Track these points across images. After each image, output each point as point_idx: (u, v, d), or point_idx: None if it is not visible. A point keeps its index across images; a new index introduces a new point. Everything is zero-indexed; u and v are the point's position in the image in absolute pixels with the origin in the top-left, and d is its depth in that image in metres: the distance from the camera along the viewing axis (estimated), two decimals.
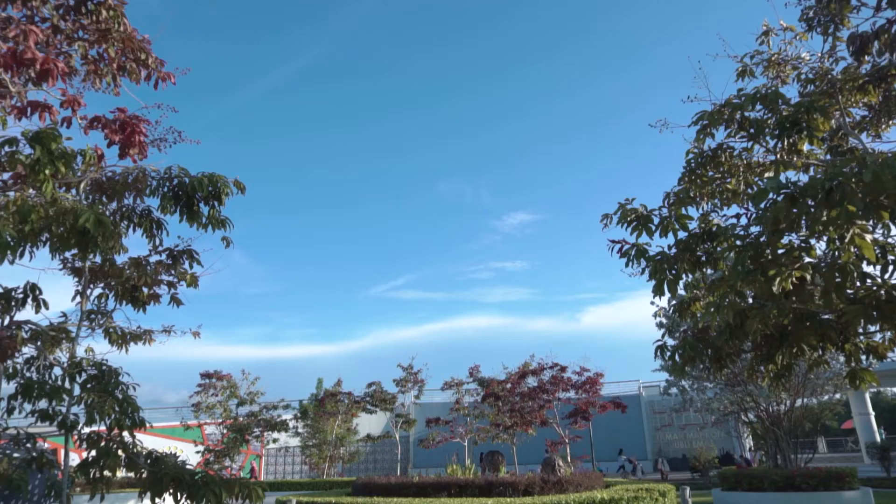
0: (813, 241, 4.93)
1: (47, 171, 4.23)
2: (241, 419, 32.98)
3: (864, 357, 5.82)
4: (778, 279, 4.35)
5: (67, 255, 6.85)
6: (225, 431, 32.72)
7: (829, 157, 6.09)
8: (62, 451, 5.80)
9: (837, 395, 24.19)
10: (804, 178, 4.93)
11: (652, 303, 19.03)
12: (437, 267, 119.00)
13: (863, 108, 6.27)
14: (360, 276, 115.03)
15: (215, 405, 33.04)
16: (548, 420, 24.65)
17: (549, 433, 26.26)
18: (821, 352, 5.88)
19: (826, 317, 5.38)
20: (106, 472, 4.84)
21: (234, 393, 33.54)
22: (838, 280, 4.69)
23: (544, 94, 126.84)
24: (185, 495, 4.52)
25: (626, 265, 5.33)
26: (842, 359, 14.60)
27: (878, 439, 34.80)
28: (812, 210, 3.83)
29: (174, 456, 5.40)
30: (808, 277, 4.63)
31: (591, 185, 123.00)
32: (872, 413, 44.44)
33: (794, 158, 5.74)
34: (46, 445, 6.43)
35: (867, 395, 45.01)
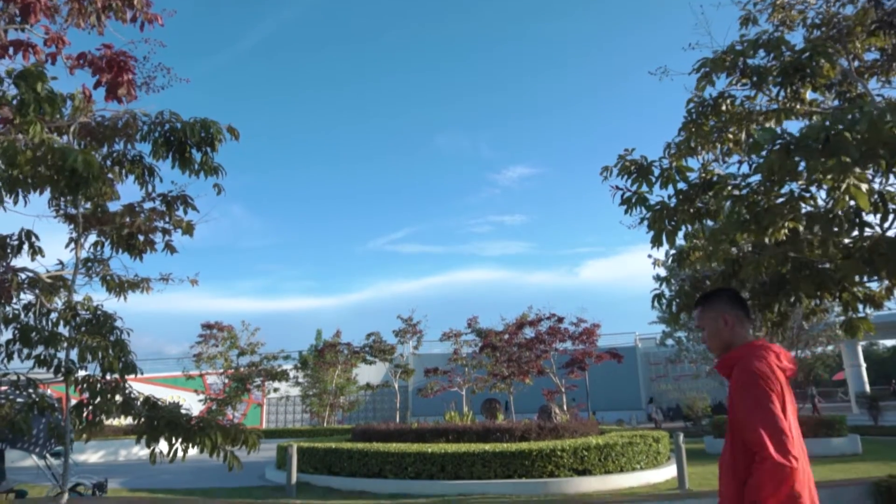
0: (814, 190, 4.86)
1: (32, 112, 4.12)
2: (241, 369, 33.49)
3: (861, 306, 5.82)
4: (770, 229, 4.30)
5: (62, 202, 6.79)
6: (226, 381, 33.28)
7: (837, 102, 5.95)
8: (65, 399, 5.86)
9: (830, 348, 24.55)
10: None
11: (649, 256, 19.04)
12: (436, 221, 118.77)
13: (875, 52, 6.09)
14: (359, 230, 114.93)
15: (216, 356, 33.51)
16: (545, 370, 25.03)
17: (546, 383, 26.71)
18: (818, 301, 5.89)
19: (824, 266, 5.36)
20: (99, 414, 4.90)
21: (234, 344, 33.98)
22: (835, 230, 4.66)
23: (546, 54, 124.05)
24: (180, 439, 4.59)
25: (626, 212, 5.27)
26: (837, 310, 14.71)
27: (868, 390, 35.45)
28: (808, 160, 3.75)
29: (174, 403, 5.46)
30: (801, 228, 4.59)
31: (592, 139, 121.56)
32: (864, 365, 45.20)
33: (797, 106, 5.61)
34: (50, 392, 6.51)
35: (860, 348, 45.67)
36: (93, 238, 6.98)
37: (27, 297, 6.23)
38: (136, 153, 6.19)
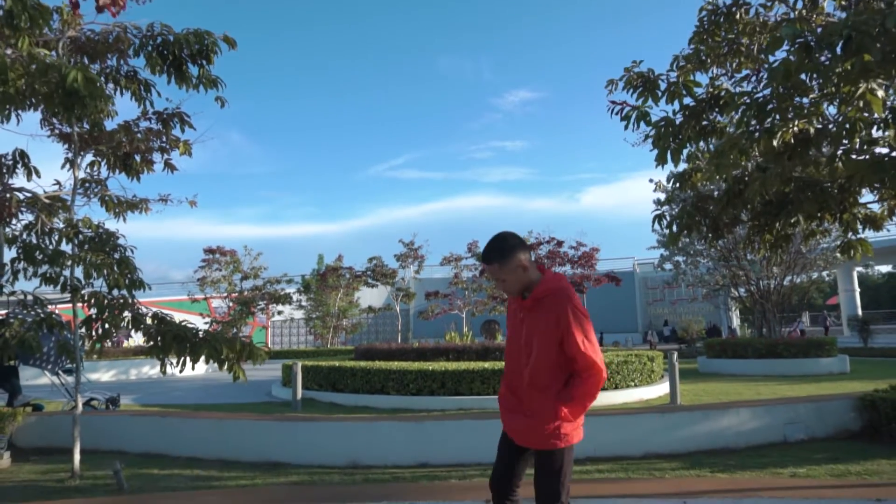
0: (824, 105, 4.74)
1: (23, 22, 3.97)
2: (245, 293, 33.96)
3: (860, 227, 5.82)
4: (780, 133, 4.22)
5: (55, 121, 6.65)
6: (231, 305, 33.84)
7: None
8: (73, 317, 5.96)
9: (826, 274, 24.80)
10: None
11: (651, 180, 18.91)
12: (437, 146, 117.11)
13: None
14: (359, 157, 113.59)
15: (220, 279, 33.92)
16: None
17: None
18: (819, 222, 5.88)
19: (828, 185, 5.31)
20: (108, 330, 5.01)
21: (237, 268, 34.31)
22: (845, 143, 4.58)
23: None
24: (187, 352, 4.71)
25: (626, 128, 5.17)
26: (835, 233, 14.74)
27: (860, 313, 36.09)
28: (826, 63, 3.62)
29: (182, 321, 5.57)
30: (812, 131, 4.50)
31: (597, 62, 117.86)
32: (858, 290, 45.83)
33: (815, 17, 5.38)
34: (58, 312, 6.64)
35: (855, 273, 46.18)
36: (89, 158, 6.90)
37: (27, 217, 6.22)
38: (130, 69, 6.02)
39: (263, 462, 6.24)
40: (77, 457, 5.66)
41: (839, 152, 4.56)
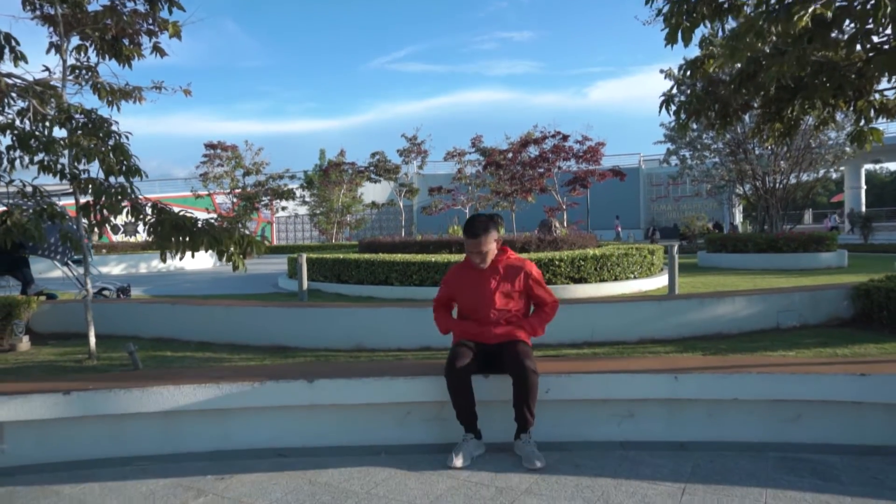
0: None
1: None
2: (248, 189, 33.87)
3: (874, 116, 5.66)
4: (800, 13, 3.99)
5: (37, 1, 6.34)
6: (235, 200, 33.89)
7: None
8: (76, 204, 5.96)
9: (833, 172, 24.47)
10: None
11: (661, 70, 18.18)
12: (441, 38, 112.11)
13: None
14: (361, 49, 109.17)
15: (222, 175, 33.79)
16: (547, 188, 25.30)
17: (548, 200, 27.15)
18: (832, 108, 5.71)
19: (845, 68, 5.09)
20: (107, 215, 5.02)
21: (239, 163, 34.07)
22: (869, 25, 4.35)
23: None
24: (187, 241, 4.74)
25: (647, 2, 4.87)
26: (848, 128, 14.36)
27: (864, 210, 36.04)
28: None
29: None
30: (829, 15, 4.27)
31: None
32: (864, 187, 45.50)
33: None
34: (60, 203, 6.65)
35: (863, 171, 45.64)
36: (76, 42, 6.63)
37: (19, 104, 6.08)
38: None
39: (272, 346, 6.49)
40: (92, 340, 5.88)
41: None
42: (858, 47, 4.73)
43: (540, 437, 3.32)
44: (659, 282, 11.84)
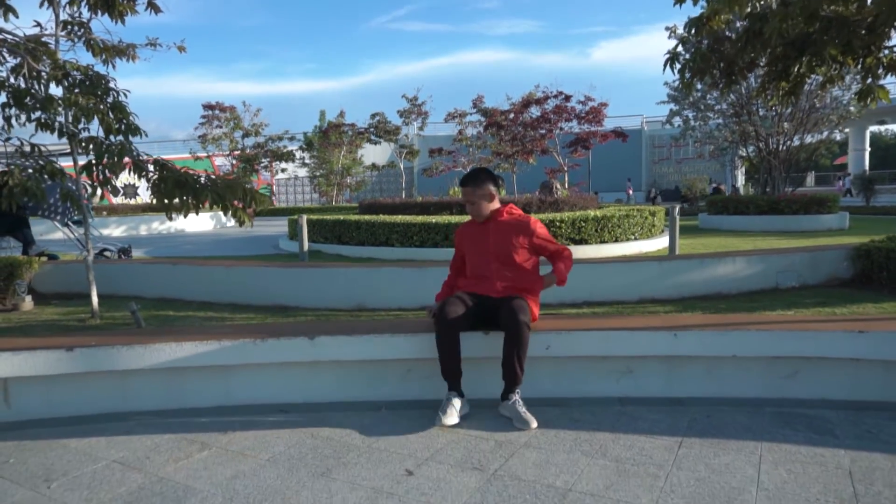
0: None
1: None
2: (248, 150, 33.59)
3: (882, 74, 5.56)
4: None
5: None
6: (234, 162, 33.65)
7: None
8: (74, 164, 5.91)
9: (837, 133, 24.18)
10: None
11: (666, 28, 17.80)
12: None
13: None
14: (362, 6, 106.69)
15: (221, 136, 33.48)
16: (548, 149, 25.06)
17: (550, 162, 26.93)
18: (840, 66, 5.60)
19: (855, 21, 4.97)
20: (108, 175, 4.98)
21: (238, 125, 33.72)
22: None
23: None
24: (190, 198, 4.72)
25: None
26: (854, 88, 14.11)
27: (867, 172, 35.76)
28: None
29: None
30: None
31: None
32: (868, 149, 45.05)
33: None
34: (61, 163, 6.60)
35: (868, 133, 45.12)
36: None
37: (12, 61, 5.97)
38: None
39: (273, 306, 6.52)
40: (95, 299, 5.91)
41: None
42: (869, 1, 4.63)
43: (539, 394, 3.36)
44: (660, 243, 11.84)
